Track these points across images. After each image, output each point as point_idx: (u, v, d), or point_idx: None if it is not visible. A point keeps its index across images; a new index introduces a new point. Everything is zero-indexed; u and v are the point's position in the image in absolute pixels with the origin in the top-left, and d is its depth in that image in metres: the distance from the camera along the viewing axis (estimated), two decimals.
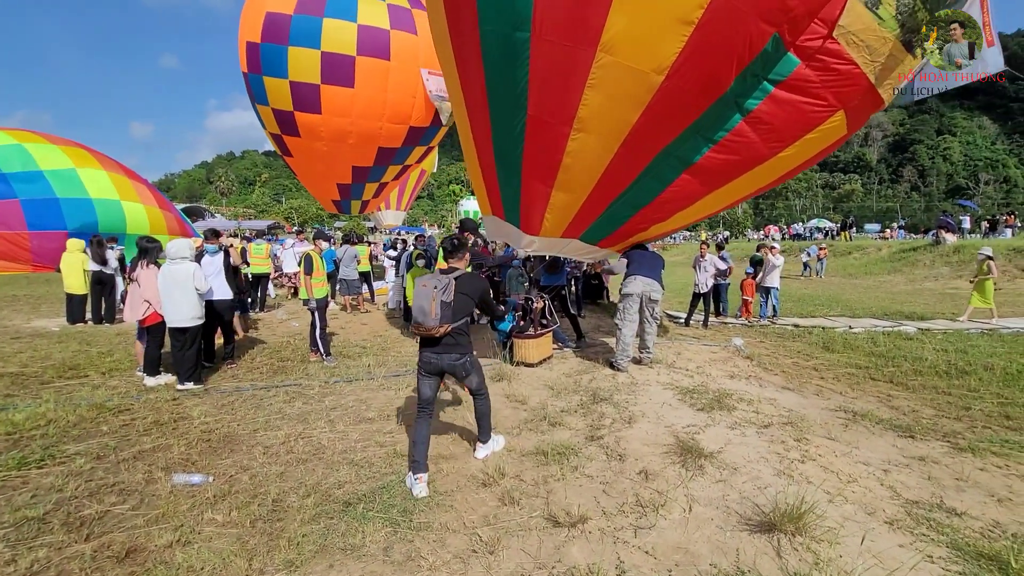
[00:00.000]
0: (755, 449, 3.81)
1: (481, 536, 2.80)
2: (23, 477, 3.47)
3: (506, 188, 5.83)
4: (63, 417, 4.45)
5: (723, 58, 4.20)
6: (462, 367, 3.58)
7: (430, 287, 3.33)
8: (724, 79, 4.33)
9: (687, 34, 4.03)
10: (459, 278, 3.51)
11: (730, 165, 5.14)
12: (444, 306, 3.31)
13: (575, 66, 4.42)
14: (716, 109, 4.57)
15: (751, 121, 4.62)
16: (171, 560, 2.64)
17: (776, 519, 2.74)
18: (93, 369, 6.04)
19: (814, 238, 34.96)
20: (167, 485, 3.39)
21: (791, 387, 5.66)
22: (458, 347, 3.54)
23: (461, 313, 3.51)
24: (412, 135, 12.06)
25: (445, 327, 3.37)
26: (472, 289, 3.62)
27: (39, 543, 2.76)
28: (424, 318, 3.32)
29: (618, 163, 5.03)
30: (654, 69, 4.26)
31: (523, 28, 4.42)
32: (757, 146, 4.86)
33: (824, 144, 5.17)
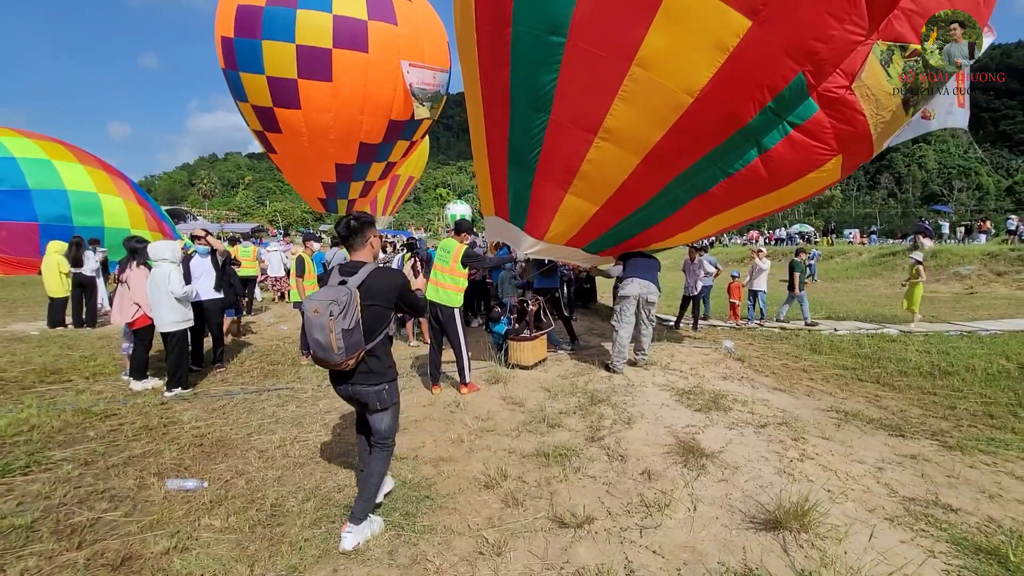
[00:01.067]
0: (755, 448, 3.84)
1: (487, 538, 2.78)
2: (7, 484, 3.35)
3: (515, 189, 5.84)
4: (47, 423, 4.31)
5: (749, 90, 4.32)
6: (376, 398, 2.78)
7: (324, 313, 2.47)
8: (746, 112, 4.47)
9: (720, 60, 4.14)
10: (364, 283, 2.68)
11: (734, 195, 5.31)
12: (347, 334, 2.52)
13: (608, 76, 4.49)
14: (735, 141, 4.71)
15: (765, 159, 4.79)
16: (169, 567, 2.56)
17: (781, 517, 2.76)
18: (76, 373, 5.87)
19: (796, 243, 35.60)
20: (160, 491, 3.31)
21: (783, 388, 5.75)
22: (372, 373, 2.74)
23: (374, 331, 2.72)
24: (393, 129, 11.88)
25: (355, 357, 2.63)
26: (384, 291, 2.76)
27: (28, 552, 2.66)
28: (325, 353, 2.55)
29: (635, 179, 5.11)
30: (684, 90, 4.34)
31: (559, 33, 4.47)
32: (763, 181, 5.04)
33: (819, 185, 5.37)
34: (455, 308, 5.35)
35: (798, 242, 36.08)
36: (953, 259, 18.03)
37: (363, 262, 2.82)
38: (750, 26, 3.97)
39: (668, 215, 5.67)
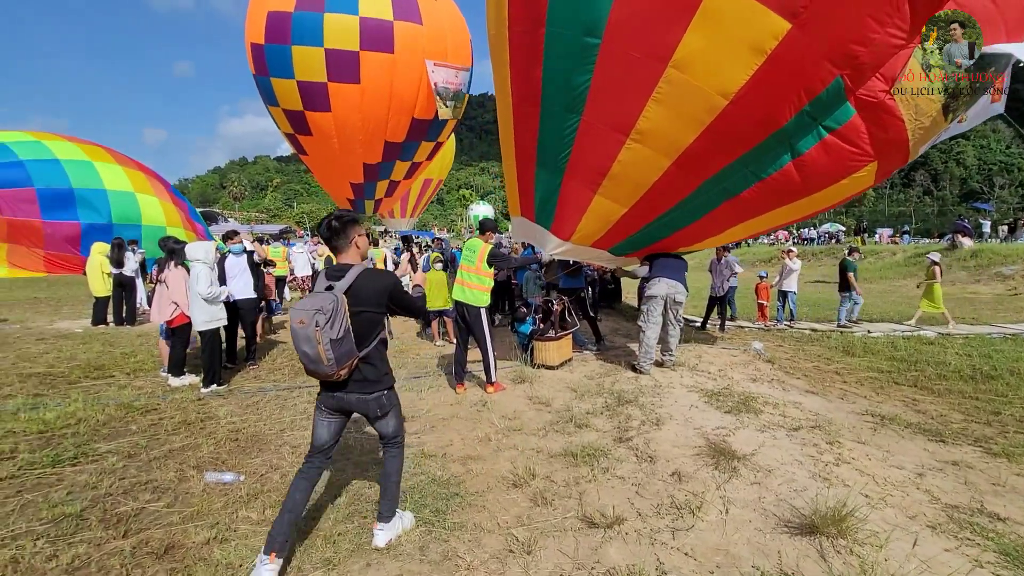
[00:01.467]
0: (788, 452, 3.76)
1: (517, 536, 2.79)
2: (58, 474, 3.51)
3: (543, 189, 5.85)
4: (92, 416, 4.49)
5: (785, 93, 4.26)
6: (375, 405, 2.65)
7: (309, 323, 2.32)
8: (782, 115, 4.41)
9: (757, 63, 4.10)
10: (352, 286, 2.51)
11: (765, 200, 5.24)
12: (336, 344, 2.37)
13: (642, 78, 4.49)
14: (768, 145, 4.65)
15: (798, 163, 4.71)
16: (209, 557, 2.65)
17: (817, 521, 2.70)
18: (118, 369, 6.11)
19: (826, 242, 34.67)
20: (199, 483, 3.41)
21: (815, 391, 5.61)
22: (367, 382, 2.60)
23: (366, 337, 2.57)
24: (416, 128, 11.98)
25: (347, 367, 2.47)
26: (373, 295, 2.57)
27: (78, 539, 2.78)
28: (315, 366, 2.41)
29: (666, 181, 5.08)
30: (719, 92, 4.31)
31: (594, 34, 4.49)
32: (796, 186, 4.96)
33: (852, 191, 5.25)
34: (481, 308, 5.38)
35: (832, 242, 35.11)
36: (995, 259, 17.30)
37: (350, 264, 2.60)
38: (789, 28, 3.91)
39: (697, 219, 5.61)
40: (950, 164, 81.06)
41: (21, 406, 4.66)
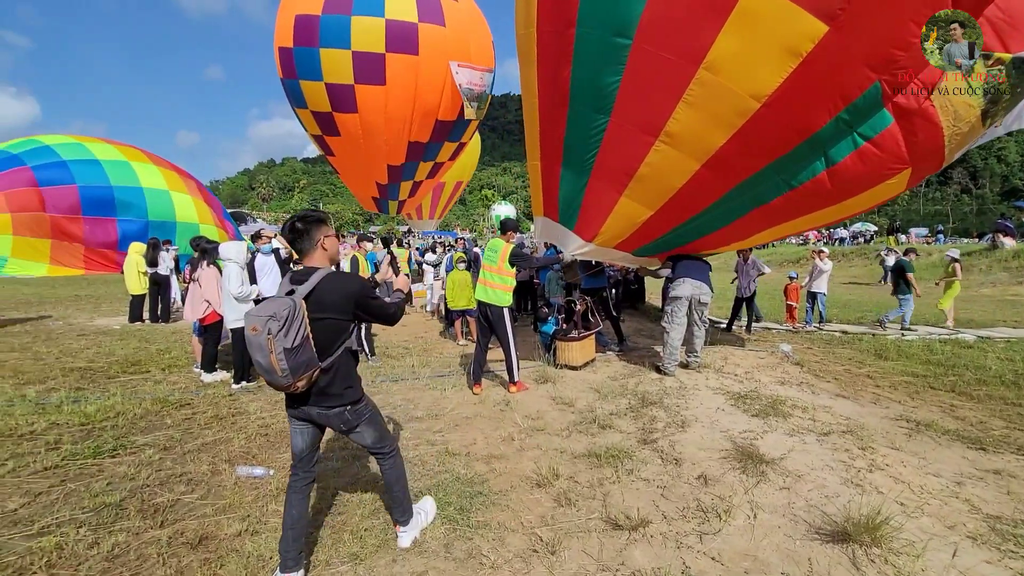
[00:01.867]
0: (818, 457, 3.68)
1: (541, 536, 2.79)
2: (98, 465, 3.65)
3: (568, 189, 5.83)
4: (130, 410, 4.66)
5: (820, 97, 4.18)
6: (338, 420, 2.47)
7: (261, 330, 2.12)
8: (816, 120, 4.32)
9: (792, 66, 4.03)
10: (313, 292, 2.30)
11: (795, 207, 5.15)
12: (291, 354, 2.16)
13: (673, 79, 4.45)
14: (801, 151, 4.56)
15: (832, 172, 4.61)
16: (241, 548, 2.72)
17: (850, 529, 2.63)
18: (153, 365, 6.32)
19: (856, 243, 33.66)
20: (231, 477, 3.51)
21: (846, 395, 5.46)
22: (326, 395, 2.41)
23: (329, 346, 2.36)
24: (440, 129, 12.07)
25: (306, 378, 2.27)
26: (337, 301, 2.36)
27: (118, 528, 2.88)
28: (269, 376, 2.20)
29: (694, 185, 5.02)
30: (752, 94, 4.25)
31: (625, 35, 4.48)
32: (827, 194, 4.87)
33: (882, 198, 5.13)
34: (504, 307, 5.40)
35: (863, 241, 34.08)
36: None
37: (315, 268, 2.40)
38: (827, 31, 3.82)
39: (724, 224, 5.55)
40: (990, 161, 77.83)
41: (64, 399, 4.86)
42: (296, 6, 10.63)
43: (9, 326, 8.89)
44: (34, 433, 4.11)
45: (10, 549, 2.65)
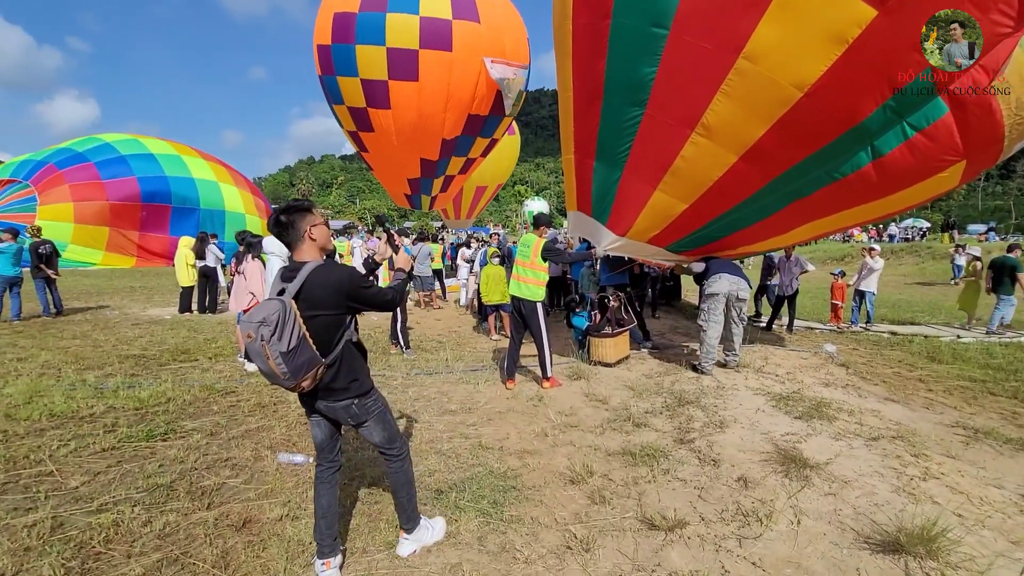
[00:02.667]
0: (866, 463, 3.51)
1: (575, 533, 2.77)
2: (151, 448, 3.83)
3: (601, 183, 5.77)
4: (180, 396, 4.88)
5: (867, 86, 3.99)
6: (344, 413, 2.40)
7: (255, 337, 2.06)
8: (862, 109, 4.12)
9: (837, 53, 3.87)
10: (302, 289, 2.20)
11: (837, 202, 4.93)
12: (289, 357, 2.10)
13: (711, 69, 4.35)
14: (845, 142, 4.36)
15: (878, 164, 4.39)
16: (282, 533, 2.80)
17: (903, 540, 2.50)
18: (201, 354, 6.60)
19: (906, 239, 31.98)
20: (273, 463, 3.62)
21: (896, 399, 5.20)
22: (332, 390, 2.35)
23: (329, 342, 2.28)
24: (472, 123, 12.12)
25: (310, 377, 2.21)
26: (326, 296, 2.24)
27: (169, 508, 3.02)
28: (273, 380, 2.17)
29: (731, 178, 4.88)
30: (794, 83, 4.10)
31: (662, 25, 4.40)
32: (872, 187, 4.63)
33: (932, 193, 4.85)
34: (537, 302, 5.38)
35: (917, 238, 32.36)
36: None
37: (304, 262, 2.28)
38: (875, 16, 3.62)
39: (762, 219, 5.34)
40: None
41: (120, 384, 5.13)
42: (335, 4, 10.86)
43: (71, 315, 9.45)
44: (93, 416, 4.35)
45: (72, 524, 2.82)
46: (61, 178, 15.74)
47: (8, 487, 3.18)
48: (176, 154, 16.80)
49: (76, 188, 15.45)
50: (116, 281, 14.99)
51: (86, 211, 15.30)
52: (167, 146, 17.15)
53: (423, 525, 2.68)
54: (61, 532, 2.74)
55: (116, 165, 15.74)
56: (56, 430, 4.03)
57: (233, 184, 17.46)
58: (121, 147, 16.31)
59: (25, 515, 2.88)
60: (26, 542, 2.63)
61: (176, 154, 16.80)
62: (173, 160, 16.39)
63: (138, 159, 16.01)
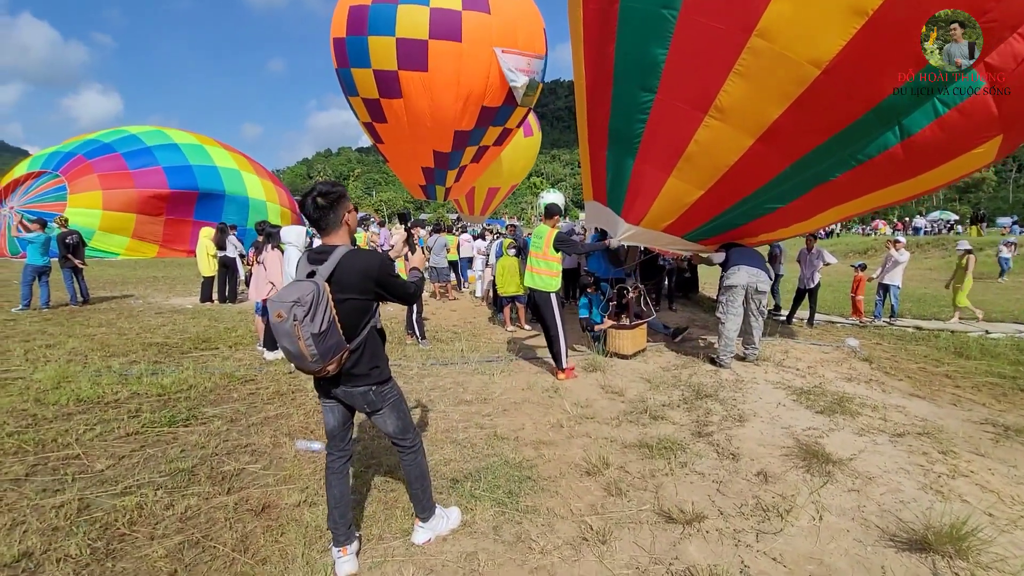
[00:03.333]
0: (892, 459, 3.42)
1: (591, 525, 2.75)
2: (173, 433, 3.90)
3: (614, 171, 5.68)
4: (201, 383, 4.96)
5: (890, 61, 3.80)
6: (362, 400, 2.39)
7: (287, 317, 2.05)
8: (885, 86, 3.92)
9: (856, 26, 3.69)
10: (335, 272, 2.20)
11: (863, 184, 4.72)
12: (319, 339, 2.09)
13: (723, 49, 4.22)
14: (869, 122, 4.17)
15: (907, 144, 4.18)
16: (300, 518, 2.83)
17: (931, 538, 2.43)
18: (222, 342, 6.71)
19: (933, 232, 31.11)
20: (291, 450, 3.67)
21: (921, 395, 5.07)
22: (354, 377, 2.33)
23: (355, 327, 2.28)
24: (485, 115, 12.17)
25: (336, 361, 2.20)
26: (357, 280, 2.24)
27: (190, 492, 3.07)
28: (300, 363, 2.16)
29: (748, 162, 4.73)
30: (811, 61, 3.94)
31: (672, 5, 4.31)
32: (901, 168, 4.42)
33: (965, 170, 4.64)
34: (551, 292, 5.36)
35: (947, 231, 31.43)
36: None
37: (334, 246, 2.27)
38: None
39: (784, 204, 5.18)
40: None
41: (144, 371, 5.24)
42: None
43: (97, 303, 9.68)
44: (118, 401, 4.45)
45: (98, 506, 2.88)
46: (90, 168, 16.39)
47: (37, 469, 3.27)
48: (199, 144, 17.37)
49: (104, 177, 16.15)
50: (140, 271, 15.30)
51: (114, 199, 16.02)
52: (190, 137, 17.75)
53: (438, 514, 2.69)
54: (87, 513, 2.80)
55: (142, 155, 16.42)
56: (83, 415, 4.13)
57: (254, 173, 18.06)
58: (146, 138, 16.94)
59: (53, 496, 2.95)
60: (54, 522, 2.70)
61: (199, 144, 17.37)
62: (196, 150, 16.97)
63: (163, 149, 16.66)
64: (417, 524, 2.65)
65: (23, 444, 3.56)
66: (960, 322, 8.96)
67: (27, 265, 8.75)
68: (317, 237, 6.54)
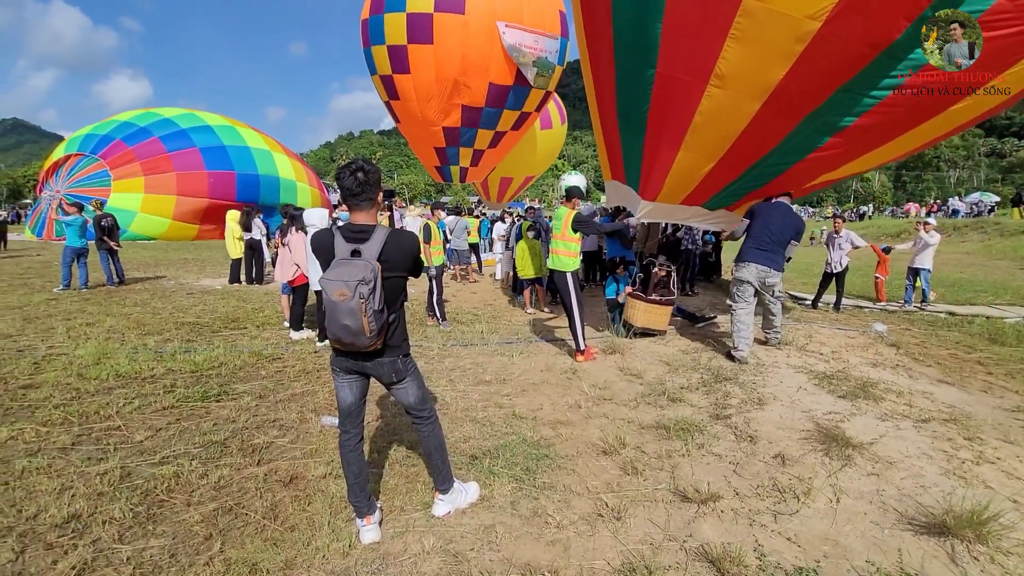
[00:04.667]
0: (914, 444, 3.38)
1: (606, 502, 2.80)
2: (206, 408, 4.08)
3: (628, 150, 5.68)
4: (231, 361, 5.15)
5: None
6: (390, 369, 2.44)
7: (352, 295, 2.12)
8: (893, 28, 3.73)
9: None
10: (383, 252, 2.26)
11: (883, 128, 4.51)
12: (378, 315, 2.20)
13: (717, 14, 4.11)
14: (881, 64, 3.98)
15: (926, 72, 3.96)
16: (326, 489, 2.95)
17: (950, 522, 2.41)
18: (249, 322, 6.92)
19: (978, 215, 29.82)
20: (317, 425, 3.80)
21: (950, 381, 4.95)
22: (388, 347, 2.41)
23: (393, 303, 2.38)
24: (495, 94, 12.15)
25: (382, 337, 2.31)
26: (403, 259, 2.36)
27: (223, 463, 3.22)
28: (355, 338, 2.21)
29: (756, 127, 4.61)
30: (809, 15, 3.80)
31: None
32: (923, 107, 4.20)
33: (996, 101, 4.35)
34: (568, 272, 5.42)
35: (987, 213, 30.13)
36: None
37: (371, 225, 2.32)
38: None
39: (800, 159, 5.01)
40: None
41: (177, 349, 5.46)
42: None
43: (132, 284, 10.05)
44: (154, 377, 4.66)
45: (138, 474, 3.06)
46: (131, 155, 17.11)
47: (82, 439, 3.47)
48: (231, 125, 17.91)
49: (146, 163, 16.86)
50: (172, 253, 15.79)
51: (155, 182, 16.66)
52: (220, 119, 18.23)
53: (457, 488, 2.77)
54: (129, 481, 2.98)
55: (179, 138, 17.10)
56: (122, 389, 4.35)
57: (284, 153, 18.61)
58: (181, 121, 17.52)
59: (97, 464, 3.14)
60: (99, 488, 2.88)
61: (231, 125, 17.91)
62: (228, 131, 17.57)
63: (197, 131, 17.30)
64: (437, 497, 2.73)
65: (68, 416, 3.78)
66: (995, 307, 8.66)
67: (66, 247, 9.13)
68: (342, 220, 6.67)
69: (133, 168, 16.81)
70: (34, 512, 2.64)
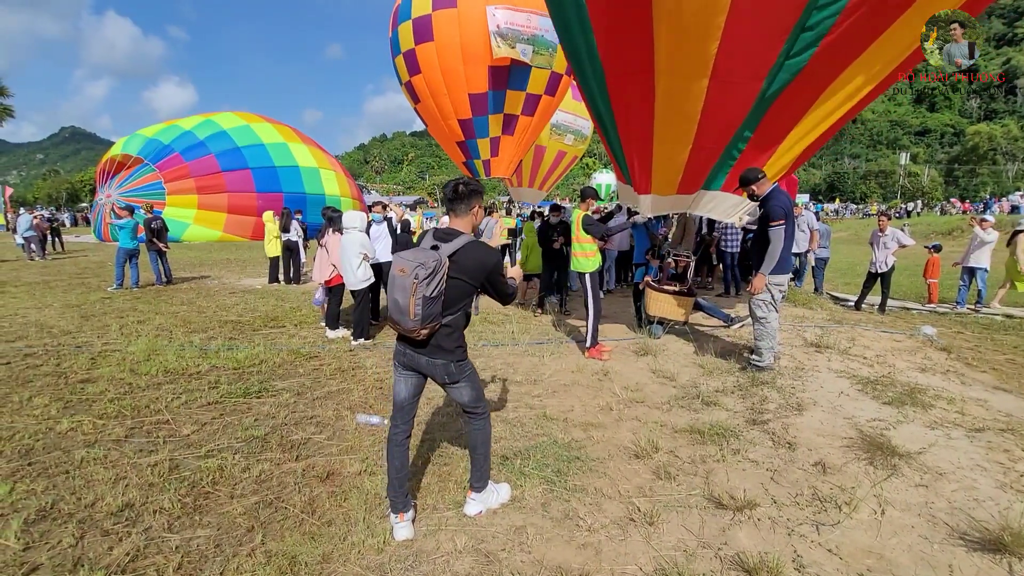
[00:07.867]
0: (967, 455, 3.21)
1: (638, 506, 2.77)
2: (247, 403, 4.24)
3: (614, 150, 5.92)
4: (271, 359, 5.33)
5: None
6: (443, 371, 2.56)
7: (409, 273, 2.31)
8: None
9: None
10: (457, 253, 2.43)
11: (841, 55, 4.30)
12: (428, 303, 2.33)
13: (635, 14, 4.32)
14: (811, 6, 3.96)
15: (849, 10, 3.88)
16: (361, 486, 3.02)
17: (1007, 539, 2.28)
18: (288, 321, 7.15)
19: None
20: (352, 422, 3.90)
21: (1007, 388, 4.68)
22: (439, 349, 2.53)
23: (453, 305, 2.50)
24: (496, 76, 12.50)
25: (429, 328, 2.42)
26: (474, 267, 2.49)
27: (263, 458, 3.35)
28: (400, 316, 2.37)
29: (713, 102, 4.68)
30: None
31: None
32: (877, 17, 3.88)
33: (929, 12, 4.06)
34: (587, 273, 5.57)
35: None
36: None
37: (460, 231, 2.54)
38: None
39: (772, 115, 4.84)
40: None
41: (221, 347, 5.69)
42: None
43: (179, 283, 10.53)
44: (199, 373, 4.87)
45: (186, 466, 3.20)
46: (187, 171, 18.25)
47: (134, 431, 3.66)
48: (282, 141, 18.94)
49: (200, 179, 18.06)
50: (215, 254, 16.45)
51: (207, 200, 17.93)
52: (272, 131, 19.13)
53: (489, 488, 2.81)
54: (177, 472, 3.12)
55: (232, 156, 18.14)
56: (170, 384, 4.56)
57: (331, 168, 19.58)
58: (236, 137, 18.60)
59: (148, 456, 3.31)
60: (150, 479, 3.03)
61: (282, 141, 18.94)
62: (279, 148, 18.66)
63: (251, 149, 18.47)
64: (470, 496, 2.77)
65: (122, 409, 3.99)
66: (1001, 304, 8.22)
67: (119, 248, 9.65)
68: (377, 222, 6.82)
69: (187, 184, 17.91)
70: (92, 500, 2.80)
